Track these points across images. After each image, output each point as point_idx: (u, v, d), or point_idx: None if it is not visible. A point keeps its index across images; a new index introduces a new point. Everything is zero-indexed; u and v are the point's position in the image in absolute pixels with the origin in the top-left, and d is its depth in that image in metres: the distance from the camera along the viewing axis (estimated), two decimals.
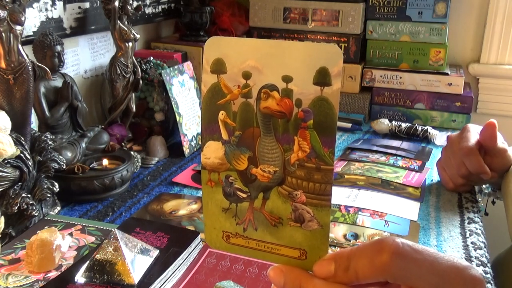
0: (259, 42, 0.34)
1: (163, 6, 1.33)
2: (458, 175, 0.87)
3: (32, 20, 0.89)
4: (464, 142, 0.85)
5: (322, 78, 0.32)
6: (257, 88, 0.34)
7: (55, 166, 0.75)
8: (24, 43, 0.72)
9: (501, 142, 0.86)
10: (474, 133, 0.86)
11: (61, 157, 0.77)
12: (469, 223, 0.79)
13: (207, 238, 0.39)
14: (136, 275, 0.57)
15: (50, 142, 0.75)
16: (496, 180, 0.90)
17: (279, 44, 0.34)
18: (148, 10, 1.27)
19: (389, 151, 1.08)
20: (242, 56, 0.34)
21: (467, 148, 0.83)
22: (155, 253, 0.62)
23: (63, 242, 0.63)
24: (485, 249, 0.72)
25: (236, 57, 0.34)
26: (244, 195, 0.37)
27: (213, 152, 0.37)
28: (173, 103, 1.03)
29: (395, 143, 1.14)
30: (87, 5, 1.03)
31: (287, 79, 0.33)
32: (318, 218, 0.35)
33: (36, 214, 0.71)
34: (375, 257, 0.33)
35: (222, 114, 0.36)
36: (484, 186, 0.96)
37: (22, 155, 0.69)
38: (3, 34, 0.67)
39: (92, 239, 0.68)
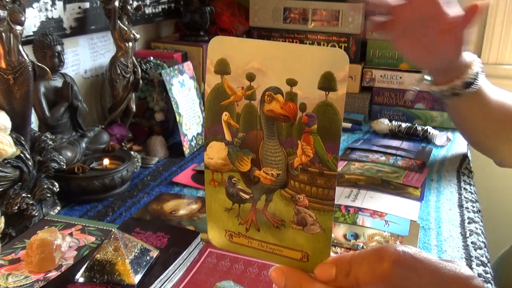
0: (263, 43, 0.33)
1: (163, 6, 1.33)
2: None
3: (32, 20, 0.89)
4: None
5: (328, 83, 0.32)
6: (261, 90, 0.34)
7: (55, 166, 0.75)
8: (24, 43, 0.71)
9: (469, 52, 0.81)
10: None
11: (61, 157, 0.77)
12: (469, 223, 0.79)
13: (211, 236, 0.39)
14: (136, 275, 0.57)
15: (50, 142, 0.75)
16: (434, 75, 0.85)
17: (284, 46, 0.33)
18: (148, 10, 1.27)
19: (389, 151, 1.08)
20: (246, 57, 0.34)
21: None
22: (155, 253, 0.62)
23: (63, 242, 0.63)
24: (485, 249, 0.72)
25: (240, 58, 0.34)
26: (247, 196, 0.37)
27: (216, 152, 0.37)
28: (173, 103, 1.03)
29: (395, 143, 1.14)
30: (87, 5, 1.03)
31: (291, 82, 0.33)
32: (320, 222, 0.35)
33: (36, 214, 0.71)
34: (376, 265, 0.33)
35: (226, 115, 0.35)
36: (425, 78, 0.90)
37: (22, 155, 0.69)
38: (3, 34, 0.67)
39: (92, 239, 0.68)
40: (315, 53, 0.32)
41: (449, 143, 1.16)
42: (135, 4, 1.15)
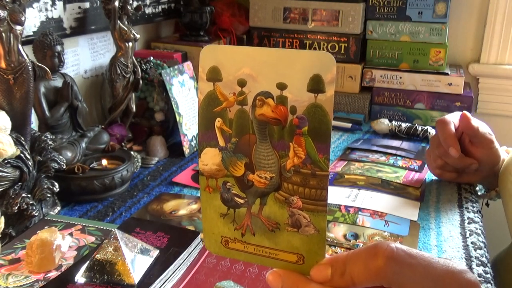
0: (253, 50, 0.34)
1: (163, 6, 1.33)
2: (436, 166, 0.91)
3: (32, 20, 0.89)
4: (442, 142, 0.86)
5: (316, 85, 0.33)
6: (252, 95, 0.35)
7: (55, 166, 0.75)
8: (24, 43, 0.72)
9: (487, 132, 0.86)
10: (452, 125, 0.86)
11: (61, 157, 0.77)
12: (469, 223, 0.79)
13: (207, 243, 0.40)
14: (136, 275, 0.57)
15: (50, 142, 0.75)
16: (484, 176, 0.90)
17: (273, 52, 0.34)
18: (148, 10, 1.27)
19: (389, 151, 1.08)
20: (237, 64, 0.34)
21: (445, 151, 0.85)
22: (155, 253, 0.62)
23: (63, 242, 0.63)
24: (485, 249, 0.72)
25: (231, 65, 0.35)
26: (242, 201, 0.37)
27: (210, 158, 0.37)
28: (173, 103, 1.03)
29: (395, 143, 1.14)
30: (87, 5, 1.03)
31: (281, 86, 0.34)
32: (314, 223, 0.36)
33: (36, 214, 0.71)
34: (370, 262, 0.34)
35: (219, 121, 0.36)
36: (478, 188, 0.96)
37: (22, 155, 0.69)
38: (3, 34, 0.67)
39: (92, 239, 0.68)
40: (303, 57, 0.33)
41: None
42: (135, 4, 1.15)
